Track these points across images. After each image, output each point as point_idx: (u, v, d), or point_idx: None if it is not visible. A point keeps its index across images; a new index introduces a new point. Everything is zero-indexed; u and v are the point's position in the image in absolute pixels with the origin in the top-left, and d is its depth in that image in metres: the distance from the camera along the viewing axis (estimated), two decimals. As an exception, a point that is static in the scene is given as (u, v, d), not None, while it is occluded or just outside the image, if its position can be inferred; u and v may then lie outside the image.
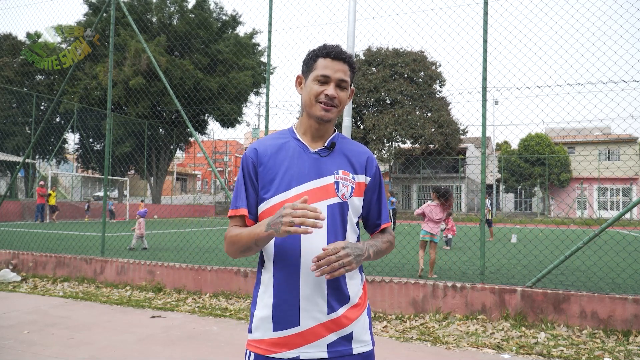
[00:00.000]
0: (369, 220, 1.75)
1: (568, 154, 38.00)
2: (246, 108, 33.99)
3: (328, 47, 1.64)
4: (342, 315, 1.58)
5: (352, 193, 1.64)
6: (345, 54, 1.64)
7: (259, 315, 1.61)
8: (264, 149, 1.66)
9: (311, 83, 1.63)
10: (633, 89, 5.53)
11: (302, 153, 1.64)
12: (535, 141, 37.24)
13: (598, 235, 5.20)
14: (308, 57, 1.68)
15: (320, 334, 1.55)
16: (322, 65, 1.62)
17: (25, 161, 18.91)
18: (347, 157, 1.68)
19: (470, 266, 8.37)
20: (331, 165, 1.63)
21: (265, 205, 1.62)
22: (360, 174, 1.68)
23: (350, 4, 5.98)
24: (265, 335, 1.58)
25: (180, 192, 55.39)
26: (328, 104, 1.60)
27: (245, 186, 1.65)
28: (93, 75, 27.94)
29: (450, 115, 35.04)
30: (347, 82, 1.64)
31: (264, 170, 1.63)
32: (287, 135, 1.70)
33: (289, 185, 1.59)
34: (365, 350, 1.63)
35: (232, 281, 6.43)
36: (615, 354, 4.26)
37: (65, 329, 4.92)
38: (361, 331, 1.63)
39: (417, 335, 4.86)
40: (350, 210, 1.63)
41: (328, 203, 1.59)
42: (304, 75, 1.69)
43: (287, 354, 1.55)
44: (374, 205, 1.73)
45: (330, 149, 1.66)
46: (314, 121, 1.64)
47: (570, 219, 28.88)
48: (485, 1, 5.89)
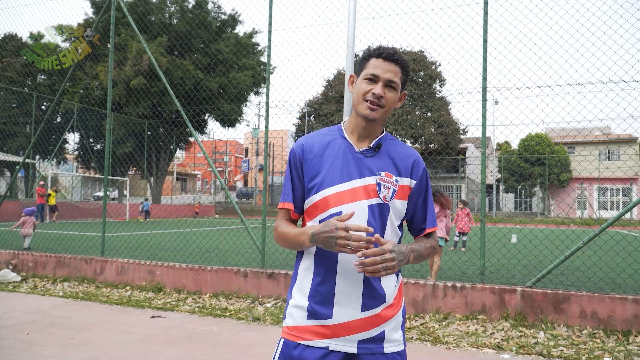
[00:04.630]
0: (414, 224, 1.76)
1: (568, 154, 38.00)
2: (246, 108, 34.01)
3: (382, 48, 1.65)
4: (375, 315, 1.59)
5: (393, 195, 1.63)
6: (398, 56, 1.64)
7: (294, 303, 1.64)
8: (311, 144, 1.68)
9: (361, 81, 1.64)
10: (633, 89, 5.53)
11: (347, 152, 1.65)
12: (535, 141, 37.25)
13: (598, 235, 5.20)
14: (362, 57, 1.69)
15: (351, 330, 1.57)
16: (374, 64, 1.63)
17: (25, 161, 18.91)
18: (393, 159, 1.67)
19: (470, 266, 8.37)
20: (375, 166, 1.64)
21: (310, 200, 1.65)
22: (404, 177, 1.67)
23: (350, 4, 5.98)
24: (298, 322, 1.61)
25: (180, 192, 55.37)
26: (374, 102, 1.60)
27: (292, 180, 1.68)
28: (94, 75, 27.95)
29: (450, 115, 35.04)
30: (397, 83, 1.63)
31: (309, 166, 1.65)
32: (335, 133, 1.71)
33: (332, 182, 1.61)
34: (396, 349, 1.63)
35: (232, 281, 6.43)
36: (615, 354, 4.26)
37: (65, 329, 4.92)
38: (393, 331, 1.64)
39: (417, 335, 4.86)
40: (391, 212, 1.63)
41: (369, 203, 1.60)
42: (357, 74, 1.70)
43: (318, 342, 1.57)
44: (419, 209, 1.73)
45: (375, 150, 1.66)
46: (360, 119, 1.65)
47: (570, 219, 28.88)
48: (485, 1, 5.89)
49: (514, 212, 39.15)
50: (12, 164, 25.76)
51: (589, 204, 36.30)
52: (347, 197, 1.59)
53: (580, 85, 5.65)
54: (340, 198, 1.60)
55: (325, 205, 1.61)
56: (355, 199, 1.59)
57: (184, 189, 58.49)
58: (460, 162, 38.46)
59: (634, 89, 5.77)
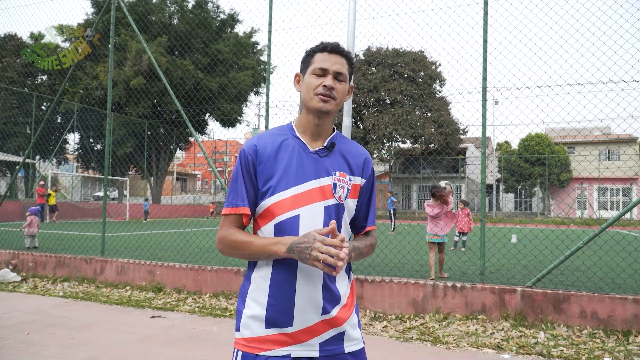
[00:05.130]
0: (357, 221, 1.74)
1: (568, 154, 38.01)
2: (246, 108, 34.01)
3: (325, 43, 1.64)
4: (334, 316, 1.58)
5: (347, 195, 1.63)
6: (342, 49, 1.63)
7: (249, 313, 1.58)
8: (264, 145, 1.62)
9: (309, 77, 1.62)
10: (633, 89, 5.53)
11: (302, 152, 1.62)
12: (535, 141, 37.25)
13: (598, 235, 5.20)
14: (306, 54, 1.68)
15: (312, 334, 1.55)
16: (320, 59, 1.62)
17: (25, 161, 18.91)
18: (345, 158, 1.66)
19: (470, 266, 8.37)
20: (329, 166, 1.62)
21: (264, 204, 1.60)
22: (357, 175, 1.67)
23: (350, 4, 5.98)
24: (256, 333, 1.56)
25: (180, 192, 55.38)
26: (326, 94, 1.58)
27: (245, 183, 1.61)
28: (94, 75, 27.95)
29: (450, 115, 35.03)
30: (345, 75, 1.63)
31: (263, 168, 1.60)
32: (287, 132, 1.67)
33: (287, 184, 1.57)
34: (356, 348, 1.63)
35: (232, 281, 6.43)
36: (615, 354, 4.26)
37: (65, 329, 4.92)
38: (352, 330, 1.63)
39: (417, 335, 4.86)
40: (345, 212, 1.63)
41: (325, 204, 1.58)
42: (302, 72, 1.68)
43: (278, 351, 1.53)
44: (364, 207, 1.73)
45: (329, 149, 1.64)
46: (313, 116, 1.63)
47: (570, 219, 28.89)
48: (485, 1, 5.89)
49: (514, 212, 39.16)
50: (12, 164, 25.76)
51: (589, 204, 36.30)
52: (303, 200, 1.56)
53: (580, 85, 5.65)
54: (296, 201, 1.56)
55: (280, 208, 1.57)
56: (311, 200, 1.56)
57: (184, 189, 58.49)
58: (460, 162, 38.46)
59: (634, 89, 5.77)
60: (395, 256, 8.45)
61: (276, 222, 1.57)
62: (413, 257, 8.35)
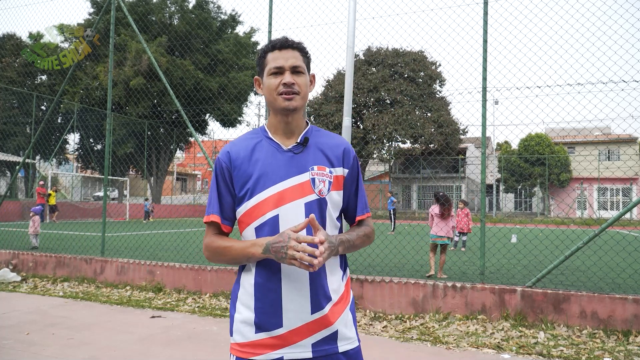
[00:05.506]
0: (348, 212, 1.73)
1: (568, 154, 38.01)
2: (246, 108, 34.03)
3: (273, 41, 1.63)
4: (325, 314, 1.55)
5: (330, 188, 1.60)
6: (292, 41, 1.62)
7: (240, 318, 1.59)
8: (237, 151, 1.62)
9: (267, 79, 1.61)
10: (633, 89, 5.54)
11: (276, 152, 1.61)
12: (535, 141, 37.25)
13: (598, 235, 5.20)
14: (258, 57, 1.67)
15: (304, 334, 1.54)
16: (272, 58, 1.61)
17: (25, 161, 18.91)
18: (323, 151, 1.64)
19: (470, 266, 8.37)
20: (306, 162, 1.60)
21: (243, 209, 1.60)
22: (337, 167, 1.64)
23: (350, 4, 5.98)
24: (247, 337, 1.56)
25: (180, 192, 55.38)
26: (288, 92, 1.57)
27: (219, 191, 1.62)
28: (94, 75, 27.95)
29: (450, 115, 35.03)
30: (302, 66, 1.61)
31: (239, 173, 1.60)
32: (260, 135, 1.66)
33: (264, 185, 1.56)
34: (351, 347, 1.61)
35: (232, 281, 6.42)
36: (615, 354, 4.26)
37: (65, 329, 4.92)
38: (345, 328, 1.60)
39: (417, 335, 4.86)
40: (329, 205, 1.60)
41: (305, 201, 1.56)
42: (260, 75, 1.68)
43: (271, 354, 1.53)
44: (352, 197, 1.71)
45: (303, 145, 1.62)
46: (281, 115, 1.62)
47: (570, 219, 28.87)
48: (485, 1, 5.89)
49: (514, 212, 39.15)
50: (12, 164, 25.75)
51: (589, 204, 36.30)
52: (282, 199, 1.55)
53: (580, 85, 5.65)
54: (275, 200, 1.55)
55: (260, 210, 1.56)
56: (291, 199, 1.55)
57: (184, 189, 58.48)
58: (460, 162, 38.45)
59: (634, 89, 5.77)
60: (395, 256, 8.45)
61: (257, 225, 1.57)
62: (413, 257, 8.35)
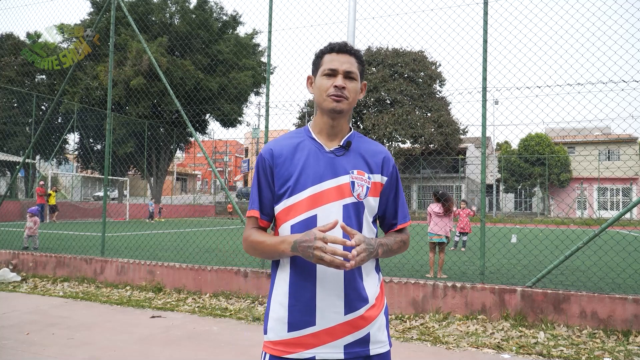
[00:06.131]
0: (385, 219, 1.75)
1: (568, 154, 38.01)
2: (246, 108, 34.04)
3: (333, 43, 1.66)
4: (359, 316, 1.57)
5: (367, 193, 1.63)
6: (350, 47, 1.65)
7: (274, 316, 1.60)
8: (280, 149, 1.65)
9: (320, 79, 1.64)
10: (633, 89, 5.53)
11: (318, 152, 1.63)
12: (535, 141, 37.26)
13: (598, 235, 5.20)
14: (315, 56, 1.69)
15: (336, 335, 1.55)
16: (329, 59, 1.63)
17: (25, 161, 18.91)
18: (363, 156, 1.67)
19: (470, 266, 8.37)
20: (347, 165, 1.63)
21: (282, 206, 1.62)
22: (376, 173, 1.66)
23: (350, 4, 5.98)
24: (280, 336, 1.58)
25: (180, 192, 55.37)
26: (338, 95, 1.60)
27: (260, 187, 1.66)
28: (94, 75, 27.94)
29: (450, 115, 35.04)
30: (355, 73, 1.64)
31: (280, 171, 1.62)
32: (303, 135, 1.69)
33: (304, 185, 1.59)
34: (382, 351, 1.62)
35: (232, 281, 6.43)
36: (615, 354, 4.26)
37: (65, 329, 4.92)
38: (378, 332, 1.62)
39: (417, 335, 4.86)
40: (365, 210, 1.63)
41: (343, 203, 1.58)
42: (313, 74, 1.70)
43: (303, 354, 1.54)
44: (390, 205, 1.73)
45: (345, 148, 1.65)
46: (327, 117, 1.64)
47: (570, 219, 28.87)
48: (485, 1, 5.89)
49: (514, 212, 39.15)
50: (12, 164, 25.75)
51: (589, 204, 36.31)
52: (321, 199, 1.57)
53: (580, 85, 5.65)
54: (313, 201, 1.57)
55: (298, 209, 1.58)
56: (329, 200, 1.57)
57: (184, 189, 58.47)
58: (460, 162, 38.45)
59: (634, 89, 5.77)
60: (395, 256, 8.44)
61: (293, 223, 1.59)
62: (413, 257, 8.35)
